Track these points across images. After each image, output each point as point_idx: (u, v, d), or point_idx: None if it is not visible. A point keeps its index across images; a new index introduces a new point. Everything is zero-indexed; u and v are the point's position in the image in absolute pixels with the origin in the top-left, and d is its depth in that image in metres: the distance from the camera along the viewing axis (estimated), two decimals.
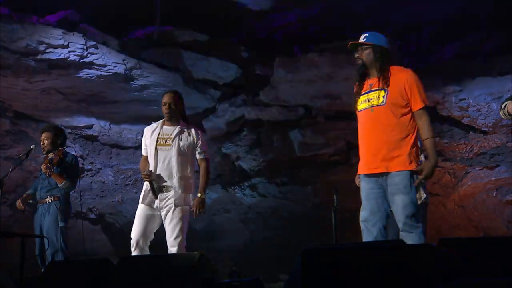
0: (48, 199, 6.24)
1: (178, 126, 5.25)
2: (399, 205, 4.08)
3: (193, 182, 5.25)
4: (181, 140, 5.17)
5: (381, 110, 4.22)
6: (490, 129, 9.35)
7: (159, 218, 5.07)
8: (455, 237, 8.61)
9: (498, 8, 9.30)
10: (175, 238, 4.98)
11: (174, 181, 5.04)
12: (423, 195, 5.62)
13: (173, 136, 5.17)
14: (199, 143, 5.31)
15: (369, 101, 4.29)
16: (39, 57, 9.35)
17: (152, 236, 5.17)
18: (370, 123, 4.28)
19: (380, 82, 4.28)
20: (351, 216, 9.88)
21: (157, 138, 5.18)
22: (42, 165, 6.24)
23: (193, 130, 5.31)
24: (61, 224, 6.14)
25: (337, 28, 10.19)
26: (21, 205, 6.43)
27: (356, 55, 4.41)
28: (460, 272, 2.59)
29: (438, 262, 2.53)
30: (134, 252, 5.06)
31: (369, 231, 4.18)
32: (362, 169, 4.34)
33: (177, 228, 4.98)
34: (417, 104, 4.20)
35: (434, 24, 9.72)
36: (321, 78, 9.78)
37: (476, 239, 3.52)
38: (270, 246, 9.80)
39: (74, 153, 6.66)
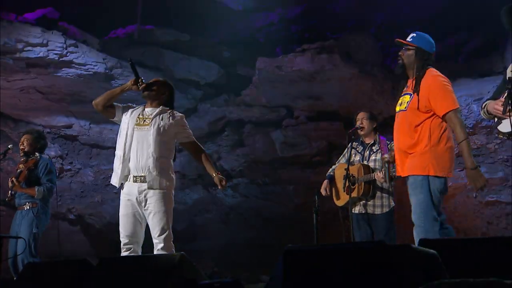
0: (26, 206, 6.20)
1: (161, 107, 4.95)
2: (413, 205, 4.29)
3: (170, 168, 4.90)
4: (161, 119, 4.86)
5: (402, 116, 4.34)
6: (470, 130, 9.42)
7: (143, 215, 4.78)
8: (436, 238, 8.67)
9: (477, 10, 9.40)
10: (160, 235, 4.76)
11: (149, 162, 4.71)
12: (392, 203, 5.76)
13: (152, 116, 4.88)
14: (185, 126, 5.01)
15: (400, 105, 4.42)
16: (18, 55, 9.26)
17: (142, 237, 4.90)
18: (396, 127, 4.43)
19: (412, 86, 4.35)
20: (333, 217, 9.95)
21: (137, 118, 4.87)
22: (9, 179, 6.23)
23: (176, 112, 5.01)
24: (35, 230, 6.11)
25: (319, 28, 10.23)
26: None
27: (399, 53, 4.46)
28: (440, 272, 2.61)
29: (418, 262, 2.55)
30: (125, 254, 4.73)
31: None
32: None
33: (162, 224, 4.69)
34: (442, 110, 4.19)
35: (415, 25, 9.78)
36: (303, 78, 9.80)
37: (456, 240, 3.56)
38: (251, 247, 9.79)
39: (48, 157, 6.61)
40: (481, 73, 9.73)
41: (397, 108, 4.46)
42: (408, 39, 4.46)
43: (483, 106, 4.13)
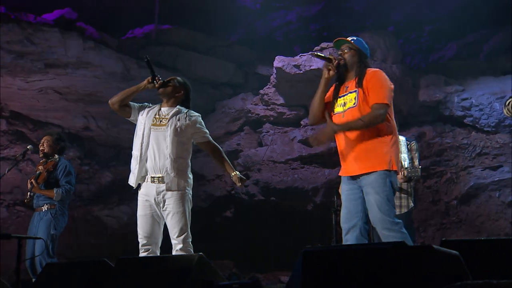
0: (44, 207, 6.25)
1: (177, 107, 4.96)
2: (374, 205, 4.07)
3: (188, 168, 4.90)
4: (178, 120, 4.85)
5: (352, 113, 4.22)
6: (493, 129, 9.34)
7: (161, 215, 4.79)
8: (458, 238, 8.60)
9: (498, 6, 9.30)
10: (179, 235, 4.77)
11: (167, 163, 4.73)
12: (411, 204, 5.70)
13: (169, 116, 4.88)
14: (201, 126, 5.00)
15: (344, 105, 4.31)
16: (36, 56, 9.34)
17: (161, 238, 4.92)
18: None
19: (354, 84, 4.30)
20: None
21: (153, 118, 4.88)
22: (28, 180, 6.29)
23: (192, 112, 4.99)
24: (52, 231, 6.15)
25: (338, 26, 10.20)
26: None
27: (339, 53, 4.44)
28: (462, 274, 2.59)
29: (440, 264, 2.52)
30: (143, 255, 4.75)
31: (349, 234, 4.20)
32: (341, 171, 4.38)
33: (180, 224, 4.70)
34: (373, 99, 4.15)
35: (435, 22, 9.71)
36: (321, 77, 9.76)
37: (478, 241, 3.51)
38: (270, 247, 9.79)
39: (66, 158, 6.66)
40: (503, 71, 9.63)
41: (340, 109, 4.33)
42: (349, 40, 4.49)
43: (506, 104, 4.08)
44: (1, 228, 6.77)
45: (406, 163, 5.63)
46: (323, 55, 4.52)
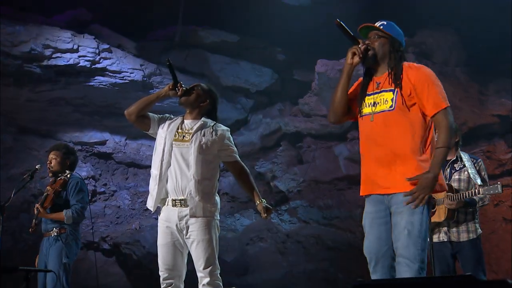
0: (53, 232, 6.29)
1: (202, 120, 4.91)
2: (404, 228, 3.82)
3: (215, 191, 4.85)
4: (203, 135, 4.81)
5: (388, 116, 3.98)
6: None
7: (184, 244, 4.84)
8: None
9: None
10: (205, 267, 4.72)
11: (191, 185, 4.69)
12: (479, 230, 5.61)
13: (193, 130, 4.83)
14: (229, 143, 4.93)
15: (374, 105, 4.06)
16: (45, 63, 9.50)
17: (184, 269, 4.89)
18: (373, 133, 4.04)
19: (390, 81, 4.02)
20: None
21: (176, 132, 4.84)
22: (35, 206, 6.34)
23: (220, 126, 4.93)
24: (65, 260, 6.18)
25: None
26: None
27: (366, 42, 4.12)
28: None
29: None
30: None
31: (375, 267, 4.05)
32: (365, 189, 4.11)
33: (206, 254, 4.64)
34: (434, 107, 3.90)
35: (507, 17, 9.57)
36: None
37: None
38: (312, 280, 9.73)
39: (79, 176, 6.69)
40: None
41: (368, 110, 4.07)
42: (377, 26, 4.16)
43: None
44: (5, 260, 6.83)
45: (478, 181, 5.56)
46: (348, 29, 4.17)
